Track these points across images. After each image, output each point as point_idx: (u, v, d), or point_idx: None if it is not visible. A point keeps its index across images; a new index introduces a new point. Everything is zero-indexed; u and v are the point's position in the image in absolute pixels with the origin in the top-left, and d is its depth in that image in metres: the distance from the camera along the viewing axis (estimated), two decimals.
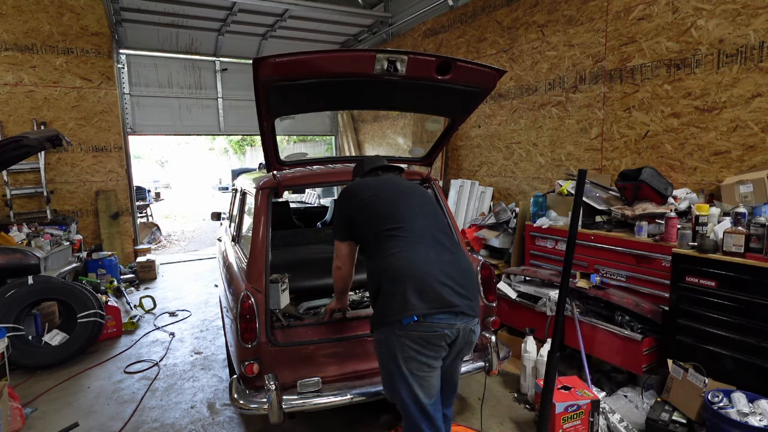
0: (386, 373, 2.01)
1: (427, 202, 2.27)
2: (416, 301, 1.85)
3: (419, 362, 1.89)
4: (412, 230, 2.05)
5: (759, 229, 2.54)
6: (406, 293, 1.87)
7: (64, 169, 6.75)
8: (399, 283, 1.90)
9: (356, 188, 2.28)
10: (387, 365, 1.98)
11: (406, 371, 1.90)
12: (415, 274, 1.91)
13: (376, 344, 2.03)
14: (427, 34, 7.04)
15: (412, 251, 1.98)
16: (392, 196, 2.20)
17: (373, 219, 2.12)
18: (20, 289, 3.93)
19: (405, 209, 2.13)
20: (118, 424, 3.11)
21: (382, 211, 2.13)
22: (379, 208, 2.15)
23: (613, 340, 3.12)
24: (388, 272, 1.95)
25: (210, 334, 4.72)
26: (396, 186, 2.28)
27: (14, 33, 6.27)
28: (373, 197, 2.19)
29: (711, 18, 3.50)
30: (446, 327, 1.88)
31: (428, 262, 1.96)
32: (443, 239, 2.11)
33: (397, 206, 2.14)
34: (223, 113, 9.14)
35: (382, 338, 1.96)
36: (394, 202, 2.16)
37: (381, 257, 2.01)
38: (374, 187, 2.26)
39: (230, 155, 32.79)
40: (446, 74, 2.23)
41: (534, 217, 4.22)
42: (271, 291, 2.59)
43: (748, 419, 2.30)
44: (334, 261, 2.32)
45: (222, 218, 5.27)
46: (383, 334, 1.95)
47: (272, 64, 1.98)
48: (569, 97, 4.77)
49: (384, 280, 1.96)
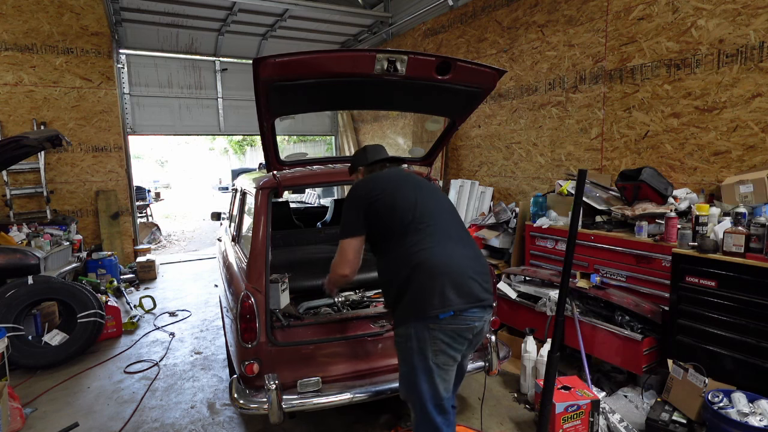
0: (408, 369, 1.97)
1: (443, 198, 2.28)
2: (453, 296, 1.89)
3: (447, 355, 1.93)
4: (439, 225, 2.06)
5: (759, 229, 2.54)
6: (444, 288, 1.89)
7: (64, 169, 6.75)
8: (436, 278, 1.90)
9: (374, 180, 2.20)
10: (411, 360, 1.94)
11: (433, 365, 1.91)
12: (451, 269, 1.93)
13: (402, 339, 1.97)
14: (427, 34, 7.04)
15: (443, 246, 1.99)
16: (414, 190, 2.15)
17: (399, 212, 2.06)
18: (20, 289, 3.93)
19: (429, 204, 2.11)
20: (118, 424, 3.11)
21: (407, 205, 2.07)
22: (403, 201, 2.09)
23: (613, 340, 3.12)
24: (424, 267, 1.93)
25: (210, 334, 4.72)
26: (413, 180, 2.24)
27: (14, 33, 6.27)
28: (396, 189, 2.13)
29: (711, 18, 3.50)
30: (477, 320, 1.96)
31: (460, 258, 1.99)
32: (464, 234, 2.14)
33: (422, 200, 2.11)
34: (223, 113, 9.14)
35: (411, 333, 1.92)
36: (418, 195, 2.12)
37: (411, 252, 1.97)
38: (393, 180, 2.19)
39: (230, 155, 32.78)
40: (446, 74, 2.23)
41: (534, 217, 4.22)
42: (271, 291, 2.59)
43: (748, 419, 2.30)
44: (340, 267, 2.12)
45: (222, 218, 5.27)
46: (413, 329, 1.92)
47: (272, 64, 1.98)
48: (569, 97, 4.77)
49: (417, 274, 1.93)
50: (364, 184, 2.20)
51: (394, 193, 2.11)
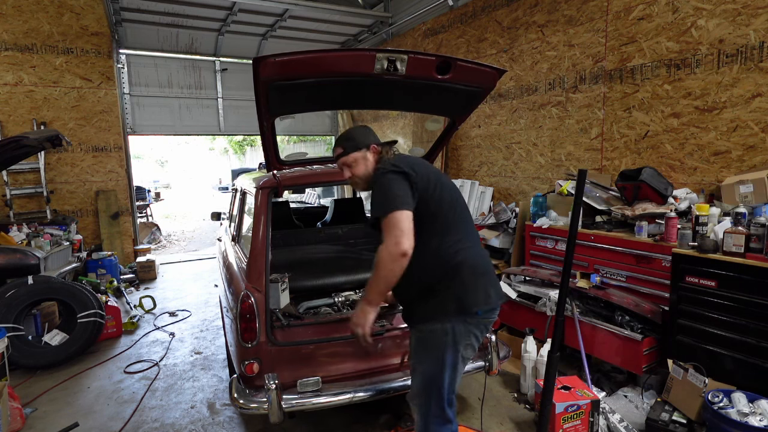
0: (435, 363, 1.93)
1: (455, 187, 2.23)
2: (494, 294, 2.00)
3: (473, 348, 2.01)
4: (470, 224, 2.10)
5: (759, 229, 2.54)
6: (487, 286, 1.98)
7: (64, 169, 6.75)
8: (481, 277, 1.97)
9: (413, 163, 1.99)
10: (443, 355, 1.91)
11: (460, 358, 1.96)
12: (488, 269, 2.04)
13: (435, 334, 1.92)
14: (427, 34, 7.04)
15: (478, 247, 2.07)
16: (451, 185, 2.09)
17: (446, 206, 1.97)
18: (20, 289, 3.93)
19: (462, 201, 2.09)
20: (118, 424, 3.11)
21: (451, 200, 2.01)
22: (449, 195, 2.01)
23: (613, 340, 3.12)
24: (467, 265, 1.94)
25: (210, 334, 4.72)
26: (442, 173, 2.16)
27: (14, 33, 6.27)
28: (439, 180, 2.00)
29: (711, 18, 3.50)
30: (497, 314, 2.10)
31: (488, 259, 2.11)
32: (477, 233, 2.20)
33: (458, 197, 2.08)
34: (223, 113, 9.14)
35: (448, 327, 1.90)
36: (453, 191, 2.07)
37: (452, 250, 1.94)
38: (431, 170, 2.04)
39: (230, 155, 32.78)
40: (446, 74, 2.23)
41: (534, 217, 4.22)
42: (271, 291, 2.59)
43: (748, 419, 2.30)
44: (397, 246, 1.74)
45: (222, 218, 5.27)
46: (451, 323, 1.90)
47: (272, 63, 1.98)
48: (569, 97, 4.77)
49: (462, 272, 1.92)
50: (404, 161, 1.98)
51: (438, 184, 1.98)
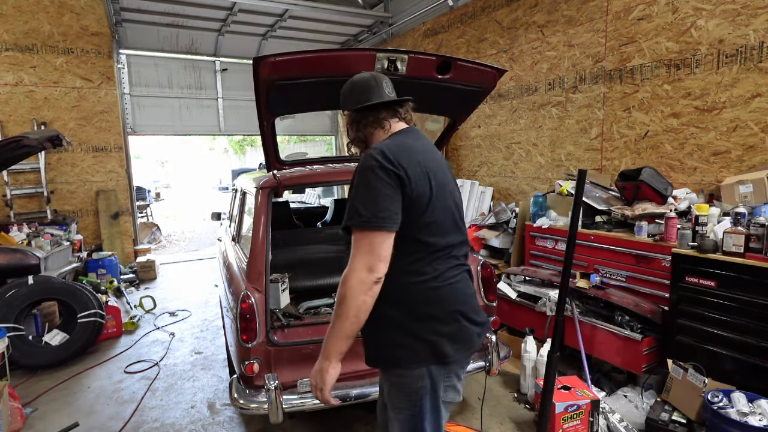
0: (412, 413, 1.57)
1: (456, 188, 1.76)
2: (475, 334, 1.63)
3: (456, 391, 1.64)
4: (466, 242, 1.69)
5: (759, 229, 2.54)
6: (472, 333, 1.61)
7: (64, 169, 6.75)
8: (464, 315, 1.59)
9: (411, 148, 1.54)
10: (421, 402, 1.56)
11: (442, 404, 1.60)
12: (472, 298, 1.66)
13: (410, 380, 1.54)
14: (427, 34, 7.04)
15: (464, 276, 1.66)
16: (450, 185, 1.65)
17: (441, 223, 1.56)
18: (20, 289, 3.93)
19: (454, 209, 1.65)
20: (118, 424, 3.11)
21: (447, 215, 1.58)
22: (444, 207, 1.57)
23: (613, 340, 3.12)
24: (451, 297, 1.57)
25: (210, 334, 4.72)
26: (442, 163, 1.66)
27: (14, 33, 6.27)
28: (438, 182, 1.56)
29: (711, 18, 3.51)
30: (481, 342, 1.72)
31: (472, 291, 1.69)
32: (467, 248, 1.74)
33: (457, 205, 1.67)
34: (223, 113, 9.14)
35: (423, 372, 1.53)
36: (453, 195, 1.66)
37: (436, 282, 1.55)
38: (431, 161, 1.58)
39: (230, 155, 32.79)
40: (446, 74, 2.24)
41: (534, 217, 4.22)
42: (271, 291, 2.59)
43: (748, 419, 2.30)
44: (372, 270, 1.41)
45: (222, 218, 5.27)
46: (425, 368, 1.53)
47: (272, 63, 1.99)
48: (569, 97, 4.77)
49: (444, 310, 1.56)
50: (402, 148, 1.51)
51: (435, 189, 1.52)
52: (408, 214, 1.48)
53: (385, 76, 1.71)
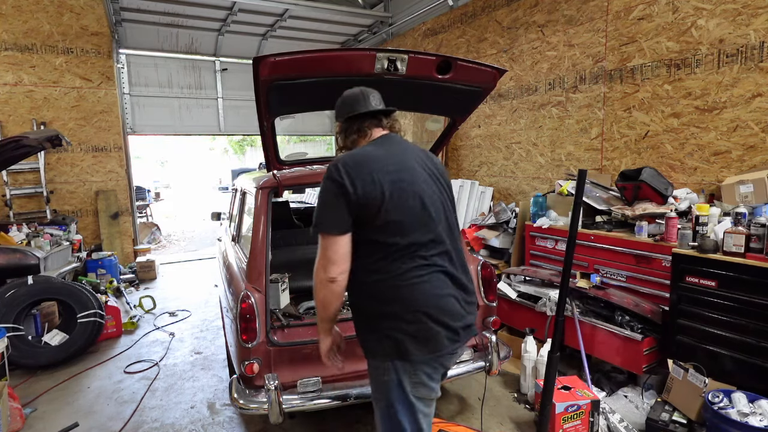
0: (386, 405, 1.67)
1: (444, 186, 1.80)
2: (445, 338, 1.63)
3: (428, 388, 1.67)
4: (440, 242, 1.68)
5: (759, 229, 2.54)
6: (439, 336, 1.62)
7: (64, 169, 6.75)
8: (429, 316, 1.60)
9: (367, 157, 1.66)
10: (389, 394, 1.65)
11: (413, 398, 1.64)
12: (446, 300, 1.65)
13: (377, 372, 1.68)
14: (427, 34, 7.04)
15: (449, 264, 1.69)
16: (418, 186, 1.68)
17: (399, 224, 1.62)
18: (20, 289, 3.93)
19: (432, 208, 1.68)
20: (118, 424, 3.11)
21: (409, 215, 1.63)
22: (403, 197, 1.63)
23: (613, 340, 3.12)
24: (416, 298, 1.61)
25: (210, 334, 4.72)
26: (414, 165, 1.72)
27: (14, 33, 6.27)
28: (395, 173, 1.64)
29: (711, 18, 3.50)
30: (459, 347, 1.73)
31: (453, 280, 1.70)
32: (459, 242, 1.78)
33: (424, 204, 1.67)
34: (223, 113, 9.14)
35: (388, 366, 1.63)
36: (420, 196, 1.67)
37: (408, 276, 1.61)
38: (393, 165, 1.66)
39: (230, 155, 32.80)
40: (446, 73, 2.24)
41: (534, 217, 4.22)
42: (271, 291, 2.59)
43: (749, 419, 2.30)
44: (325, 271, 1.63)
45: (222, 218, 5.26)
46: (390, 362, 1.63)
47: (272, 62, 1.99)
48: (569, 97, 4.77)
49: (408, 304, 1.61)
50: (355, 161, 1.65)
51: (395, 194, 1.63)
52: (361, 217, 1.62)
53: (374, 90, 1.85)
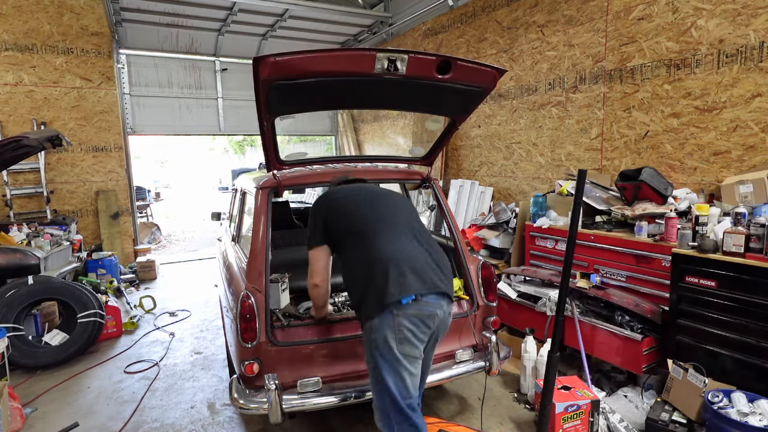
0: (374, 364, 2.00)
1: (402, 201, 2.46)
2: (413, 281, 1.99)
3: (412, 344, 1.97)
4: (396, 224, 2.22)
5: (759, 229, 2.54)
6: (402, 276, 1.99)
7: (64, 169, 6.75)
8: (395, 267, 2.01)
9: (334, 192, 2.42)
10: (376, 354, 1.98)
11: (399, 355, 1.94)
12: (408, 258, 2.07)
13: (368, 332, 2.02)
14: (427, 34, 7.04)
15: (399, 241, 2.13)
16: (373, 196, 2.37)
17: (358, 216, 2.23)
18: (20, 289, 3.93)
19: (386, 205, 2.31)
20: (118, 424, 3.11)
21: (366, 209, 2.26)
22: (362, 205, 2.28)
23: (613, 340, 3.12)
24: (383, 259, 2.03)
25: (210, 334, 4.72)
26: (372, 188, 2.47)
27: (14, 33, 6.27)
28: (353, 196, 2.35)
29: (711, 18, 3.50)
30: (437, 307, 2.05)
31: (415, 249, 2.14)
32: (423, 231, 2.29)
33: (379, 203, 2.31)
34: (223, 113, 9.14)
35: (376, 324, 1.97)
36: (376, 200, 2.33)
37: (370, 248, 2.09)
38: (352, 190, 2.42)
39: (230, 155, 32.80)
40: (446, 73, 2.23)
41: (534, 217, 4.22)
42: (271, 291, 2.59)
43: (748, 419, 2.30)
44: (311, 279, 2.33)
45: (222, 218, 5.26)
46: (377, 319, 1.97)
47: (272, 62, 1.98)
48: (569, 97, 4.77)
49: (378, 266, 2.03)
50: (322, 198, 2.40)
51: (353, 200, 2.32)
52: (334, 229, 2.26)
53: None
